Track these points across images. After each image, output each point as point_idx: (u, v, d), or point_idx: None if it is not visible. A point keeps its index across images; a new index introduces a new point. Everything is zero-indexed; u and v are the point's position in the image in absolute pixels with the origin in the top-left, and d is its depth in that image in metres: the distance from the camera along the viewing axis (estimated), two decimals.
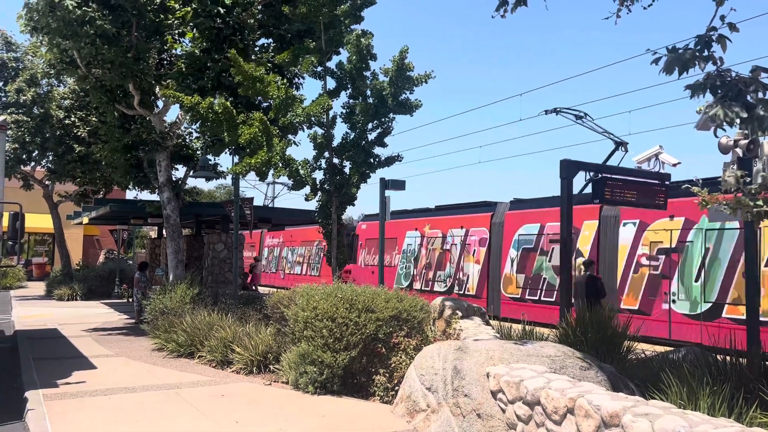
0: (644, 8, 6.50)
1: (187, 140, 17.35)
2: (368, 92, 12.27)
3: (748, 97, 5.23)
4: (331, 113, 12.54)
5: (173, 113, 49.90)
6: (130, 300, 21.89)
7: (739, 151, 6.11)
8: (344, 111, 12.61)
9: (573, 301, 11.08)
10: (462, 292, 19.91)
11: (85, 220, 23.61)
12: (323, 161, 12.61)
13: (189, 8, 13.60)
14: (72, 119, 22.66)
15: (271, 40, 15.38)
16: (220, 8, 13.26)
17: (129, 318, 17.78)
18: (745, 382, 6.03)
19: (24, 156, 24.30)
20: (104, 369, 10.25)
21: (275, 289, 11.98)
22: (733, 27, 5.43)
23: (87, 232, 37.52)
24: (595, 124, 16.79)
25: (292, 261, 34.09)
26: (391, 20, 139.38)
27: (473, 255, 20.07)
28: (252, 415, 7.43)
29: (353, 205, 12.92)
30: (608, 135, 16.70)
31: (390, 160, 12.63)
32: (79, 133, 22.18)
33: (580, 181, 12.99)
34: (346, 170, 12.58)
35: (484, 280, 19.51)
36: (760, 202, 5.15)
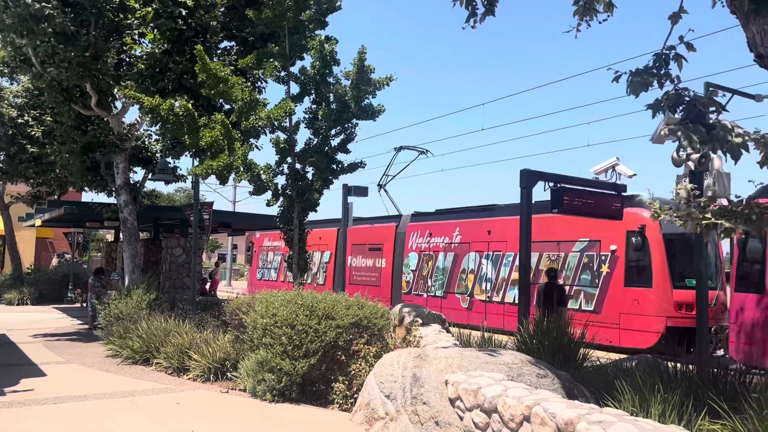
0: (599, 23, 6.68)
1: (147, 142, 17.02)
2: (331, 97, 12.26)
3: (706, 118, 5.42)
4: (294, 118, 12.49)
5: (132, 115, 49.13)
6: (84, 305, 21.38)
7: (691, 164, 6.32)
8: (307, 116, 12.56)
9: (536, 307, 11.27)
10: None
11: (38, 222, 22.97)
12: (286, 166, 12.53)
13: (150, 8, 13.37)
14: (25, 118, 22.00)
15: (234, 43, 15.25)
16: (181, 9, 13.07)
17: (82, 323, 17.33)
18: (695, 390, 6.19)
19: None
20: (55, 376, 9.96)
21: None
22: (690, 46, 5.62)
23: (40, 235, 36.41)
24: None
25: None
26: (356, 28, 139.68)
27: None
28: (208, 423, 7.31)
29: (315, 211, 12.88)
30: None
31: (353, 167, 12.62)
32: (32, 133, 21.55)
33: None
34: (309, 176, 12.52)
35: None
36: (708, 215, 5.32)
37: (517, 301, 15.23)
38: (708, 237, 5.52)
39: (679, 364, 7.10)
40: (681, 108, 5.62)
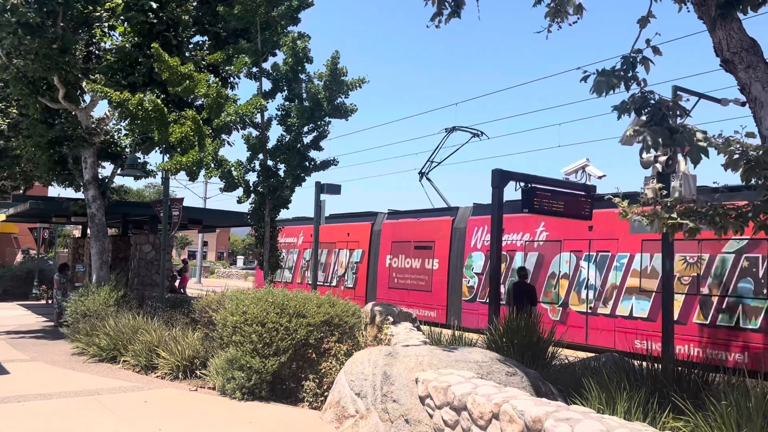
0: (570, 25, 6.77)
1: (116, 137, 16.71)
2: (304, 95, 12.20)
3: (670, 121, 5.54)
4: (266, 115, 12.40)
5: (101, 109, 48.23)
6: (50, 302, 20.96)
7: (659, 166, 6.42)
8: (279, 113, 12.49)
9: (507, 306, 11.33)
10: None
11: (2, 217, 22.43)
12: (257, 163, 12.44)
13: (120, 0, 13.13)
14: None
15: (206, 37, 15.05)
16: (152, 2, 12.86)
17: (47, 320, 16.99)
18: (660, 387, 6.32)
19: None
20: (18, 374, 9.75)
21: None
22: (656, 50, 5.73)
23: (4, 230, 35.55)
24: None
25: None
26: (330, 24, 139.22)
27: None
28: (176, 422, 7.23)
29: (287, 208, 12.82)
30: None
31: (326, 164, 12.59)
32: None
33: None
34: (281, 173, 12.45)
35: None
36: (674, 215, 5.43)
37: (635, 314, 13.62)
38: (673, 236, 5.62)
39: (644, 363, 7.24)
40: (646, 110, 5.74)
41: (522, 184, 10.96)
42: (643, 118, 5.76)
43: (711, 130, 5.77)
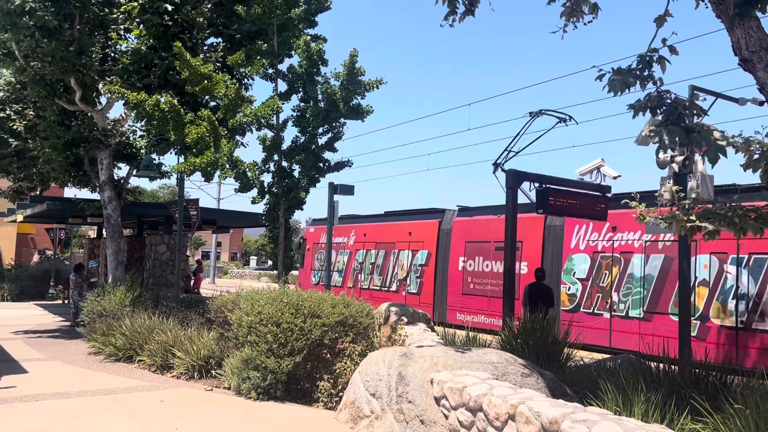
0: (585, 24, 6.75)
1: (131, 138, 16.86)
2: (320, 96, 12.24)
3: (687, 120, 5.49)
4: (281, 116, 12.46)
5: (117, 110, 48.69)
6: (66, 301, 21.15)
7: (675, 167, 6.38)
8: (295, 114, 12.54)
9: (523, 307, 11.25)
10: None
11: (20, 218, 22.67)
12: (272, 164, 12.50)
13: (135, 3, 13.24)
14: (7, 112, 21.67)
15: (220, 39, 15.15)
16: (167, 5, 12.97)
17: (64, 320, 17.15)
18: (677, 389, 6.26)
19: None
20: (36, 373, 9.85)
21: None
22: (673, 50, 5.69)
23: (21, 230, 35.92)
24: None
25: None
26: (345, 26, 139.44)
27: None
28: (192, 421, 7.27)
29: (302, 209, 12.88)
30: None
31: (340, 165, 12.63)
32: (14, 127, 21.24)
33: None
34: (296, 174, 12.50)
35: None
36: (693, 217, 5.38)
37: None
38: (691, 238, 5.58)
39: (661, 365, 7.18)
40: (663, 110, 5.69)
41: (536, 184, 10.93)
42: (659, 117, 5.72)
43: (728, 130, 5.71)
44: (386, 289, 21.17)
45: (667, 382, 6.52)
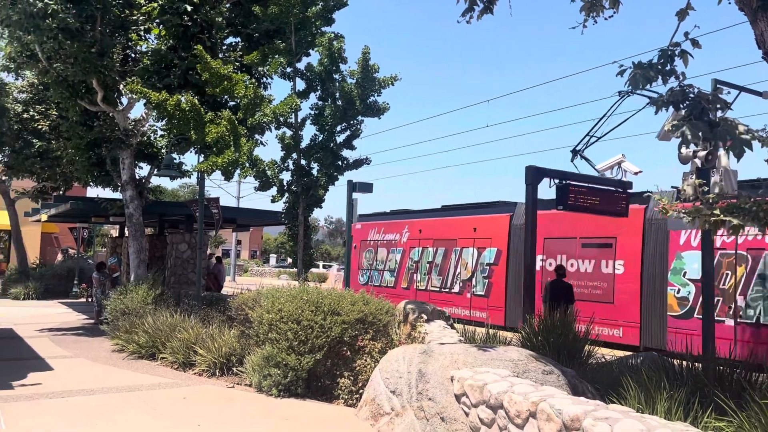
0: (605, 19, 6.67)
1: (152, 138, 17.06)
2: (337, 94, 12.28)
3: (710, 115, 5.42)
4: (300, 115, 12.51)
5: (138, 110, 49.18)
6: (89, 300, 21.45)
7: (698, 161, 6.29)
8: (313, 113, 12.60)
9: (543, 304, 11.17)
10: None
11: (44, 217, 23.05)
12: (291, 162, 12.57)
13: (155, 4, 13.39)
14: (31, 113, 22.04)
15: (239, 39, 15.25)
16: (187, 5, 13.09)
17: (88, 318, 17.40)
18: (701, 387, 6.19)
19: None
20: (62, 370, 10.01)
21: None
22: (695, 43, 5.61)
23: (45, 230, 36.54)
24: None
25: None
26: (360, 22, 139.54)
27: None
28: (214, 418, 7.35)
29: (320, 207, 12.92)
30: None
31: (358, 163, 12.65)
32: (39, 128, 21.59)
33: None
34: (314, 172, 12.55)
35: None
36: (717, 211, 5.31)
37: None
38: (715, 233, 5.50)
39: (684, 362, 7.10)
40: (685, 105, 5.61)
41: (556, 180, 10.85)
42: (682, 112, 5.65)
43: (751, 124, 5.61)
44: (447, 290, 19.47)
45: (690, 380, 6.45)
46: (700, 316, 11.78)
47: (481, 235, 18.19)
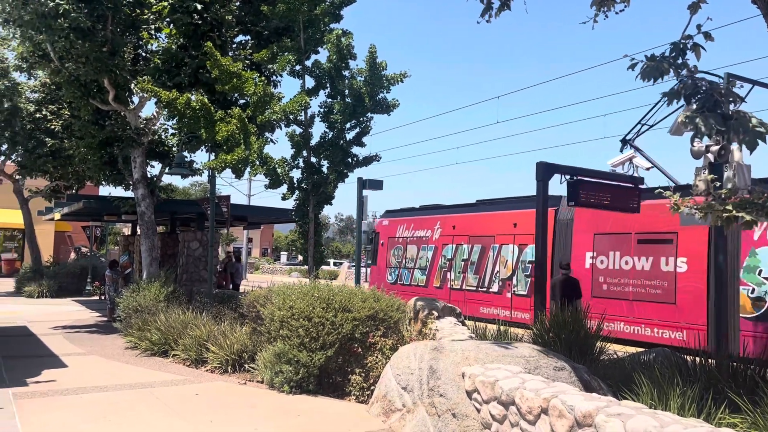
0: (616, 13, 6.64)
1: (163, 137, 17.15)
2: (346, 91, 12.27)
3: (723, 108, 5.38)
4: (309, 112, 12.52)
5: (149, 109, 49.35)
6: (102, 297, 21.62)
7: (710, 156, 6.24)
8: (322, 110, 12.60)
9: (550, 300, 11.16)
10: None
11: (57, 216, 23.22)
12: (301, 160, 12.58)
13: (166, 3, 13.43)
14: (43, 113, 22.22)
15: (248, 37, 15.27)
16: (197, 4, 13.13)
17: (101, 316, 17.54)
18: (714, 383, 6.16)
19: None
20: (75, 367, 10.10)
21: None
22: (708, 36, 5.56)
23: (58, 228, 36.88)
24: None
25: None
26: (370, 19, 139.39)
27: None
28: (226, 414, 7.39)
29: (330, 204, 12.91)
30: None
31: (368, 160, 12.64)
32: (52, 127, 21.76)
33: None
34: (324, 169, 12.56)
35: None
36: (729, 207, 5.27)
37: None
38: (728, 229, 5.46)
39: (698, 358, 7.06)
40: (697, 98, 5.57)
41: (567, 176, 10.80)
42: (694, 106, 5.61)
43: (764, 118, 5.56)
44: (485, 289, 18.31)
45: (703, 376, 6.42)
46: None
47: (523, 231, 16.87)
